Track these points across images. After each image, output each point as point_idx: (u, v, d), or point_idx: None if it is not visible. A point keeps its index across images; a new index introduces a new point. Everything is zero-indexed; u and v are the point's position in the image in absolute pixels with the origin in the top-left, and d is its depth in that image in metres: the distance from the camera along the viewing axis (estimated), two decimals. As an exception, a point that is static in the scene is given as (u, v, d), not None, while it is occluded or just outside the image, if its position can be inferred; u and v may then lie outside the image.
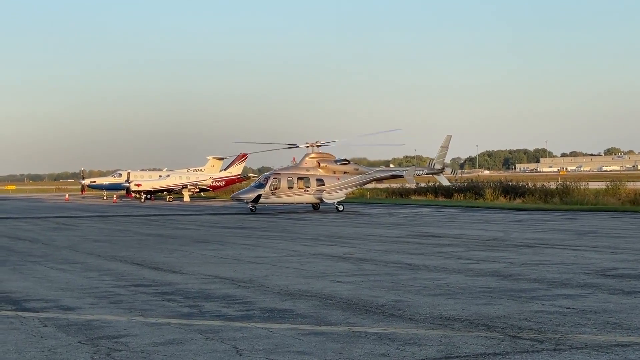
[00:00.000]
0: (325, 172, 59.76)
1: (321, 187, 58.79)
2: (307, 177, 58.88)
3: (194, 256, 26.06)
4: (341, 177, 60.07)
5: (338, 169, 60.41)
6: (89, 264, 24.25)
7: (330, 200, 58.84)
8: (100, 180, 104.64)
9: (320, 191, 58.76)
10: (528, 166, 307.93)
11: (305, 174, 59.10)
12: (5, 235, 37.28)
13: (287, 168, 61.56)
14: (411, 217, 48.75)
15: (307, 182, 58.71)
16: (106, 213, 60.99)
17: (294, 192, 58.31)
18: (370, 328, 13.07)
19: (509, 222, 41.96)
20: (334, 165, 60.52)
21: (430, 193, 78.83)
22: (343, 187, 59.99)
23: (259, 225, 43.44)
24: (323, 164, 60.02)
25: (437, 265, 22.32)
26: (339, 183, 59.64)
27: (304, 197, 58.98)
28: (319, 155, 60.44)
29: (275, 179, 58.14)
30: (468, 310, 14.65)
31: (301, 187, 58.46)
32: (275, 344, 12.00)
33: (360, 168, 62.03)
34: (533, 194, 66.77)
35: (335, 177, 59.84)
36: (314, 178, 58.96)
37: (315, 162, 60.02)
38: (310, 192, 58.65)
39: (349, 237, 33.19)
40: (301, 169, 59.78)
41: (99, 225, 44.54)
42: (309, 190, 58.59)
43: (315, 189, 58.66)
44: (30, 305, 16.16)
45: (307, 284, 18.61)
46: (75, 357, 11.47)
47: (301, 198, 59.03)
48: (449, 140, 66.04)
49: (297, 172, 59.28)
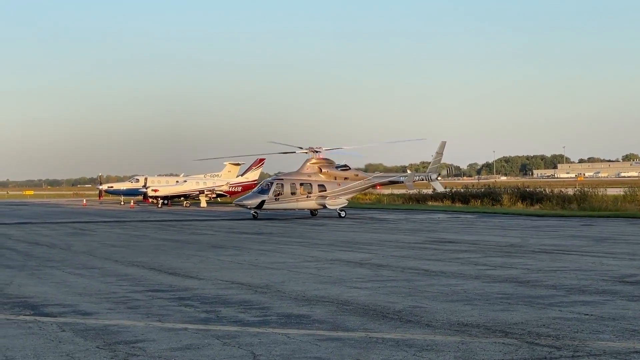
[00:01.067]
0: (326, 177, 59.52)
1: (323, 193, 58.61)
2: (310, 183, 58.63)
3: (211, 261, 26.11)
4: (342, 182, 59.90)
5: (339, 174, 60.25)
6: (107, 269, 24.33)
7: (333, 206, 58.61)
8: (117, 185, 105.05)
9: (322, 197, 58.57)
10: (545, 172, 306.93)
11: (307, 179, 58.83)
12: (24, 240, 37.45)
13: (289, 174, 61.17)
14: (428, 223, 48.67)
15: (310, 187, 58.49)
16: (123, 218, 61.17)
17: (297, 198, 58.04)
18: (387, 334, 13.06)
19: (526, 228, 41.83)
20: (335, 171, 60.34)
21: (447, 199, 78.72)
22: (344, 192, 59.80)
23: (276, 230, 43.47)
24: (324, 169, 59.79)
25: (454, 271, 22.27)
26: (340, 189, 59.45)
27: (306, 203, 58.72)
28: (320, 161, 60.20)
29: (278, 184, 57.83)
30: (485, 316, 14.62)
31: (303, 193, 58.21)
32: (293, 349, 12.00)
33: (360, 174, 61.87)
34: (550, 200, 66.52)
35: (337, 182, 59.66)
36: (316, 184, 58.77)
37: (316, 167, 59.78)
38: (312, 198, 58.44)
39: (366, 243, 33.17)
40: (303, 174, 59.47)
41: (116, 231, 44.69)
42: (311, 196, 58.38)
43: (317, 195, 58.48)
44: (48, 310, 16.23)
45: (324, 290, 18.61)
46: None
47: (303, 204, 58.75)
48: (443, 146, 65.85)
49: (299, 178, 58.92)
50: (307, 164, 60.21)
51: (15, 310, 16.14)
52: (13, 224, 54.24)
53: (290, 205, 58.42)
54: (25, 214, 73.96)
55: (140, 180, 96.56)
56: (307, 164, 60.18)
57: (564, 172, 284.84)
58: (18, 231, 45.00)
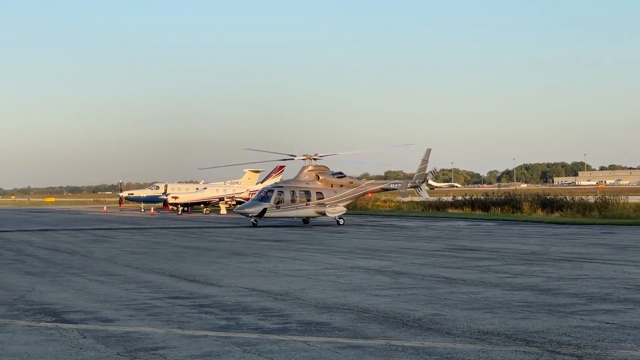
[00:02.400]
0: (323, 185, 59.06)
1: (321, 201, 58.21)
2: (309, 190, 58.17)
3: (231, 269, 26.14)
4: (338, 190, 59.49)
5: (335, 182, 59.86)
6: (127, 276, 24.41)
7: (333, 214, 58.20)
8: (137, 192, 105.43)
9: (321, 205, 58.14)
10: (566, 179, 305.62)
11: (306, 187, 58.34)
12: (45, 247, 37.64)
13: (287, 181, 60.85)
14: (448, 231, 48.55)
15: (309, 195, 58.02)
16: (144, 225, 61.37)
17: (297, 206, 57.55)
18: (407, 342, 13.03)
19: (547, 236, 41.64)
20: (332, 178, 59.94)
21: (467, 206, 78.52)
22: (340, 200, 59.33)
23: (296, 238, 43.49)
24: (322, 176, 59.35)
25: (474, 279, 22.20)
26: (337, 196, 59.05)
27: (306, 211, 58.19)
28: (316, 168, 59.75)
29: (279, 192, 57.33)
30: (506, 324, 14.56)
31: (303, 201, 57.74)
32: (312, 357, 12.00)
33: (354, 181, 61.32)
34: (571, 208, 66.20)
35: (333, 190, 59.24)
36: (314, 191, 58.34)
37: (314, 175, 59.30)
38: (311, 206, 57.96)
39: (386, 250, 33.12)
40: (301, 182, 58.98)
41: (136, 238, 44.84)
42: (310, 203, 57.90)
43: (315, 202, 58.02)
44: (69, 316, 16.30)
45: (343, 297, 18.60)
46: (114, 369, 11.54)
47: (303, 212, 58.25)
48: (428, 153, 65.45)
49: (298, 186, 58.40)
50: (304, 171, 59.64)
51: (37, 317, 16.22)
52: (34, 230, 54.53)
53: (290, 214, 57.92)
54: (47, 220, 74.35)
55: (160, 187, 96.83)
56: (305, 171, 59.62)
57: (585, 180, 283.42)
58: (39, 238, 45.24)
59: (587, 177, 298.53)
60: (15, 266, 28.05)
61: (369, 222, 62.23)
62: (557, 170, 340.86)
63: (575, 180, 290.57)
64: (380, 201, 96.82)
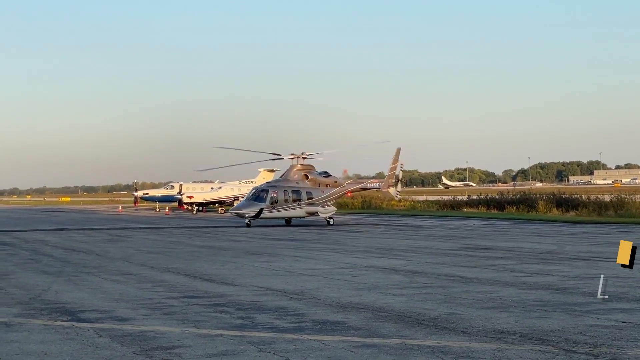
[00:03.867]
0: (312, 184, 58.49)
1: (311, 200, 57.69)
2: (299, 190, 57.61)
3: (246, 268, 26.17)
4: (325, 189, 58.98)
5: (323, 181, 59.35)
6: (143, 275, 24.47)
7: (325, 214, 57.69)
8: (153, 192, 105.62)
9: (311, 204, 57.61)
10: (581, 178, 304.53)
11: (296, 186, 57.75)
12: (61, 247, 37.77)
13: (278, 181, 60.02)
14: (463, 230, 48.45)
15: (300, 195, 57.44)
16: (159, 225, 61.50)
17: (290, 206, 56.90)
18: (422, 341, 13.01)
19: (563, 235, 41.51)
20: (320, 177, 59.44)
21: (482, 205, 78.34)
22: (328, 199, 58.87)
23: (310, 237, 43.49)
24: (310, 176, 58.80)
25: (489, 278, 22.15)
26: (324, 196, 58.58)
27: (298, 211, 57.54)
28: (304, 168, 59.21)
29: (274, 192, 56.53)
30: (522, 323, 14.52)
31: (295, 201, 57.13)
32: (328, 356, 12.00)
33: (338, 180, 60.68)
34: (587, 207, 65.93)
35: (320, 189, 58.70)
36: (304, 191, 57.81)
37: (302, 174, 58.71)
38: (302, 206, 57.35)
39: (401, 250, 33.08)
40: (291, 181, 58.31)
41: (151, 237, 44.94)
42: (302, 203, 57.30)
43: (306, 202, 57.45)
44: (85, 315, 16.36)
45: (358, 297, 18.58)
46: (130, 368, 11.57)
47: (295, 212, 57.56)
48: (398, 153, 65.02)
49: (290, 185, 57.72)
50: (293, 170, 58.97)
51: (53, 316, 16.28)
52: (50, 230, 54.74)
53: (284, 214, 57.21)
54: (62, 220, 74.63)
55: (175, 187, 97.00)
56: (294, 170, 58.95)
57: (601, 179, 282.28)
58: (55, 237, 45.41)
59: (603, 176, 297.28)
60: (31, 266, 28.17)
61: (384, 222, 62.17)
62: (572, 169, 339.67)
63: (590, 179, 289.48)
64: (395, 201, 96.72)
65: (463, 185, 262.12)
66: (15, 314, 16.75)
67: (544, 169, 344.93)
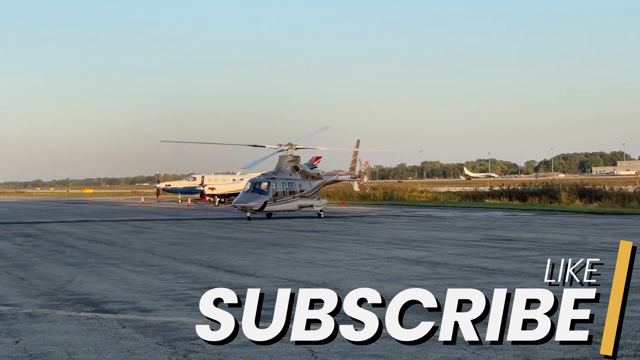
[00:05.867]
0: (302, 176, 57.27)
1: (302, 193, 56.55)
2: (294, 182, 56.37)
3: (268, 259, 26.22)
4: (312, 182, 57.94)
5: (310, 173, 58.56)
6: (165, 266, 24.57)
7: (319, 207, 56.75)
8: (175, 184, 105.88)
9: (303, 197, 56.52)
10: (604, 169, 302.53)
11: (290, 178, 56.41)
12: (84, 238, 37.97)
13: (273, 173, 57.20)
14: (485, 221, 48.31)
15: (295, 187, 56.20)
16: (181, 216, 61.70)
17: (287, 199, 55.49)
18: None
19: (586, 226, 41.30)
20: (308, 169, 58.72)
21: (504, 196, 78.05)
22: (315, 192, 57.90)
23: (332, 228, 43.51)
24: (301, 168, 57.70)
25: (512, 269, 22.08)
26: (311, 188, 57.52)
27: (293, 204, 56.06)
28: (294, 159, 57.92)
29: (274, 184, 54.88)
30: (545, 314, 14.43)
31: (291, 193, 55.83)
32: (351, 347, 12.00)
33: (320, 173, 59.95)
34: (610, 198, 65.55)
35: (308, 182, 57.64)
36: (297, 183, 56.62)
37: (292, 166, 57.29)
38: (296, 199, 56.01)
39: (423, 241, 33.04)
40: (284, 173, 56.74)
41: (174, 229, 45.10)
42: (296, 196, 56.06)
43: (299, 195, 56.24)
44: (108, 306, 16.45)
45: (381, 288, 18.52)
46: (154, 358, 11.64)
47: (292, 204, 56.03)
48: (357, 144, 64.47)
49: (285, 177, 56.18)
50: (284, 162, 57.31)
51: (77, 307, 16.39)
52: (73, 221, 55.04)
53: (283, 207, 55.61)
54: (85, 212, 75.02)
55: (197, 178, 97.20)
56: (285, 161, 57.33)
57: (624, 170, 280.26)
58: (78, 229, 45.66)
59: (626, 166, 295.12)
60: (55, 257, 28.35)
61: (406, 213, 62.10)
62: (595, 160, 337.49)
63: (613, 170, 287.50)
64: (417, 192, 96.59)
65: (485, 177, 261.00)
66: (40, 304, 16.87)
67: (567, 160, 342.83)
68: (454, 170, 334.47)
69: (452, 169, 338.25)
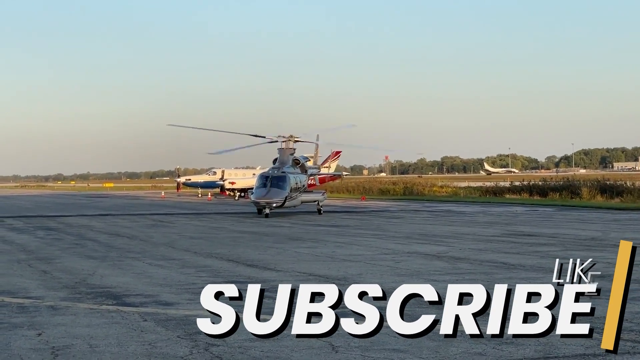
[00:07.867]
0: (302, 171, 56.30)
1: (304, 188, 55.27)
2: (298, 176, 54.57)
3: (288, 253, 26.25)
4: (307, 177, 57.15)
5: (307, 167, 58.24)
6: (186, 260, 24.65)
7: (322, 202, 55.61)
8: (195, 178, 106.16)
9: (306, 192, 55.28)
10: (626, 165, 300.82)
11: (295, 172, 54.77)
12: (105, 232, 38.14)
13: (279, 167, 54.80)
14: (505, 216, 48.16)
15: (299, 181, 54.46)
16: (201, 210, 61.87)
17: (296, 194, 53.40)
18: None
19: (607, 222, 41.10)
20: (306, 163, 58.13)
21: (524, 192, 77.79)
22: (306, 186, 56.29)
23: (352, 223, 43.50)
24: (301, 162, 56.98)
25: (533, 264, 22.02)
26: (307, 183, 56.62)
27: (298, 199, 53.87)
28: (293, 152, 56.65)
29: (291, 178, 52.53)
30: (566, 310, 14.39)
31: (299, 187, 54.02)
32: (371, 341, 12.01)
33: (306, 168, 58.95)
34: (632, 193, 65.19)
35: (306, 176, 56.92)
36: (300, 177, 55.08)
37: (293, 159, 55.93)
38: (301, 194, 54.29)
39: (443, 236, 32.98)
40: (288, 167, 54.65)
41: (194, 223, 45.22)
42: (300, 190, 54.40)
43: (303, 190, 54.90)
44: (130, 300, 16.53)
45: (401, 282, 18.44)
46: (175, 352, 11.69)
47: (297, 200, 53.76)
48: (317, 138, 64.01)
49: (292, 171, 54.10)
50: (286, 155, 55.63)
51: (98, 300, 16.48)
52: (94, 215, 55.30)
53: (294, 202, 53.44)
54: (106, 205, 75.33)
55: (217, 172, 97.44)
56: (287, 154, 55.77)
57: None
58: (99, 223, 45.87)
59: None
60: (76, 250, 28.50)
61: (426, 208, 62.00)
62: (616, 156, 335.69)
63: (635, 166, 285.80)
64: (437, 187, 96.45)
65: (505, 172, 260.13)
66: (62, 297, 16.98)
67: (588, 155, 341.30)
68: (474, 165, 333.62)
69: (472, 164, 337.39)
